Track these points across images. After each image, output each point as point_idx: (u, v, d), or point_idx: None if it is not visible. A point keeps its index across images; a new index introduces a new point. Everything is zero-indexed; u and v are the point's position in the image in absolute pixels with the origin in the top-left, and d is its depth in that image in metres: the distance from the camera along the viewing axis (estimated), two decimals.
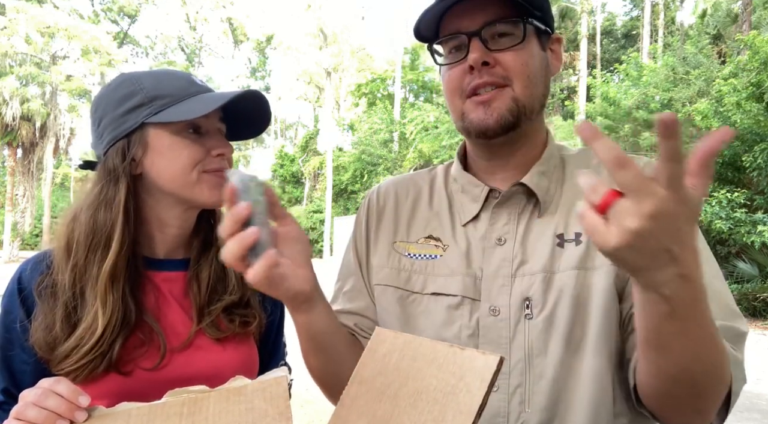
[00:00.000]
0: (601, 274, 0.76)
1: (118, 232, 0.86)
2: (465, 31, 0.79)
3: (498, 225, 0.83)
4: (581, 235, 0.78)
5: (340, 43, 30.21)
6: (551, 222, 0.81)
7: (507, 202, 0.84)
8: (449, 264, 0.84)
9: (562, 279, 0.77)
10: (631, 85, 12.79)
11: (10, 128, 22.41)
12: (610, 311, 0.75)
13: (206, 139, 0.90)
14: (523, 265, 0.79)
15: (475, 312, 0.80)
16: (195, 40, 43.60)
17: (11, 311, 0.85)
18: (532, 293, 0.77)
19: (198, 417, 0.66)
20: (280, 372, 0.73)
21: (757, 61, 8.75)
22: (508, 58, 0.78)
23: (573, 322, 0.75)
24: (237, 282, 0.97)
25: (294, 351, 0.98)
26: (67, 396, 0.66)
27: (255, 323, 0.97)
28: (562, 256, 0.78)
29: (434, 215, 0.91)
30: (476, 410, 0.51)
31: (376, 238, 0.94)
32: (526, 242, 0.81)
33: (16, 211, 23.71)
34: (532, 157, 0.85)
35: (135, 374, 0.84)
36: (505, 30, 0.78)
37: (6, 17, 23.65)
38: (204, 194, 0.90)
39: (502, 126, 0.79)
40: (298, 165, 35.69)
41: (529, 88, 0.79)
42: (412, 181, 0.98)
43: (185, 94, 0.88)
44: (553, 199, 0.83)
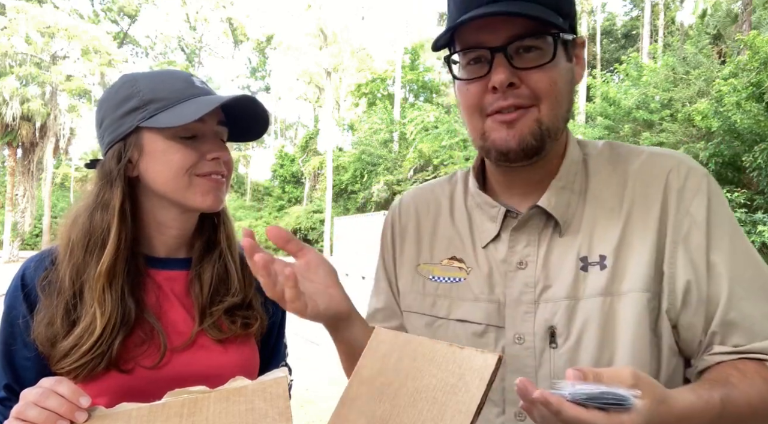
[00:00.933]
0: (629, 300, 0.71)
1: (113, 233, 0.86)
2: (488, 45, 0.71)
3: (518, 248, 0.79)
4: (606, 257, 0.73)
5: (340, 43, 30.18)
6: (574, 242, 0.76)
7: (525, 225, 0.79)
8: (473, 289, 0.81)
9: (587, 307, 0.72)
10: (631, 85, 12.78)
11: (10, 128, 22.40)
12: (641, 339, 0.70)
13: (201, 143, 0.90)
14: (546, 290, 0.76)
15: (501, 340, 0.77)
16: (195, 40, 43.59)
17: (14, 307, 0.86)
18: (556, 322, 0.74)
19: (198, 417, 0.67)
20: (280, 373, 0.73)
21: (757, 61, 8.74)
22: (536, 78, 0.70)
23: (599, 353, 0.71)
24: (239, 284, 0.98)
25: (294, 352, 0.98)
26: (68, 396, 0.66)
27: (257, 325, 0.97)
28: (587, 281, 0.73)
29: (456, 233, 0.87)
30: (475, 408, 0.51)
31: (401, 260, 0.93)
32: (548, 265, 0.76)
33: (16, 211, 23.70)
34: (550, 171, 0.79)
35: (136, 371, 0.85)
36: (532, 44, 0.70)
37: (6, 17, 23.64)
38: (196, 199, 0.90)
39: (525, 150, 0.73)
40: (298, 165, 35.68)
41: (555, 109, 0.73)
42: (433, 195, 0.94)
43: (181, 97, 0.88)
44: (575, 214, 0.78)
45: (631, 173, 0.78)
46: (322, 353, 6.31)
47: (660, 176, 0.75)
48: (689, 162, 0.77)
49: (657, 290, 0.72)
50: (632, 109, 11.83)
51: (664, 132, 11.31)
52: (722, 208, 0.74)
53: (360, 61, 33.07)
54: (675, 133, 11.09)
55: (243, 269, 1.01)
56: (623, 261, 0.73)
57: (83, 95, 28.02)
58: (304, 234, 30.74)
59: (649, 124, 11.75)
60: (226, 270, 0.98)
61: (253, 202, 38.70)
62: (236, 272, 0.98)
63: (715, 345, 0.71)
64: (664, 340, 0.72)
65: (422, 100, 32.37)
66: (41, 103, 22.75)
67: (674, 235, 0.72)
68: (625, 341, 0.70)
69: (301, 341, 6.89)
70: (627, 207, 0.75)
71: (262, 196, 39.45)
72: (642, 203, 0.75)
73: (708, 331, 0.71)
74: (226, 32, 42.63)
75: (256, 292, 1.00)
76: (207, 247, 0.99)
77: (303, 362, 5.61)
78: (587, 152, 0.83)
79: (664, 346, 0.72)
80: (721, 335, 0.71)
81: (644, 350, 0.70)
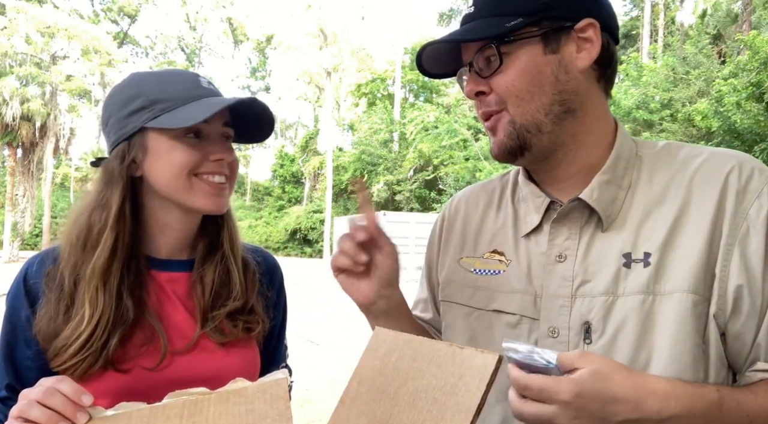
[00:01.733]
0: (672, 300, 0.69)
1: (107, 232, 0.86)
2: (464, 63, 0.80)
3: (558, 241, 0.79)
4: (651, 255, 0.71)
5: (340, 43, 30.19)
6: (618, 238, 0.75)
7: (566, 217, 0.78)
8: (511, 280, 0.82)
9: (626, 304, 0.71)
10: (631, 85, 12.78)
11: (10, 128, 22.39)
12: (682, 342, 0.67)
13: (206, 144, 0.90)
14: (584, 285, 0.75)
15: (534, 332, 0.77)
16: (195, 40, 43.59)
17: (17, 306, 0.86)
18: (592, 317, 0.73)
19: (198, 419, 0.67)
20: (280, 374, 0.73)
21: (757, 61, 8.75)
22: (496, 83, 0.76)
23: (635, 352, 0.69)
24: (241, 289, 0.97)
25: (294, 352, 0.98)
26: (70, 395, 0.66)
27: (258, 329, 0.97)
28: (628, 278, 0.72)
29: (500, 227, 0.89)
30: (475, 408, 0.51)
31: (445, 254, 0.95)
32: (588, 260, 0.75)
33: (16, 211, 23.70)
34: (595, 163, 0.78)
35: (135, 372, 0.84)
36: (490, 54, 0.76)
37: (6, 17, 23.64)
38: (197, 200, 0.90)
39: (507, 152, 0.78)
40: (298, 165, 35.68)
41: (523, 106, 0.75)
42: (484, 191, 0.97)
43: (187, 98, 0.88)
44: (621, 209, 0.76)
45: (689, 173, 0.75)
46: (322, 353, 6.31)
47: (719, 176, 0.73)
48: (753, 163, 0.74)
49: (706, 294, 0.69)
50: (632, 109, 11.84)
51: (664, 132, 11.32)
52: None
53: (360, 61, 33.07)
54: (675, 133, 11.10)
55: (246, 273, 1.00)
56: (669, 260, 0.71)
57: (83, 95, 28.03)
58: (304, 234, 30.74)
59: (649, 124, 11.75)
60: (228, 273, 0.97)
61: (253, 202, 38.70)
62: (239, 276, 0.98)
63: (759, 362, 0.69)
64: (712, 347, 0.69)
65: (422, 100, 32.36)
66: (41, 103, 22.73)
67: (730, 237, 0.69)
68: (665, 342, 0.68)
69: (301, 341, 6.89)
70: (679, 205, 0.73)
71: (262, 196, 39.44)
72: (696, 203, 0.72)
73: (754, 343, 0.69)
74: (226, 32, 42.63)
75: (258, 296, 1.00)
76: (209, 249, 0.99)
77: (303, 362, 5.60)
78: (643, 151, 0.81)
79: (712, 353, 0.69)
80: (767, 349, 0.68)
81: (686, 354, 0.68)
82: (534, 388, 0.58)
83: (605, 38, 0.77)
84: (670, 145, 0.81)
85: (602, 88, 0.80)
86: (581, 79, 0.76)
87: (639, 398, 0.59)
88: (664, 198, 0.75)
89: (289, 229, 31.03)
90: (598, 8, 0.77)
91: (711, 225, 0.70)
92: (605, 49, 0.77)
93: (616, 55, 0.80)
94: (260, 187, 40.71)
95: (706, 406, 0.62)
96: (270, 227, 32.59)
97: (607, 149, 0.79)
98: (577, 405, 0.57)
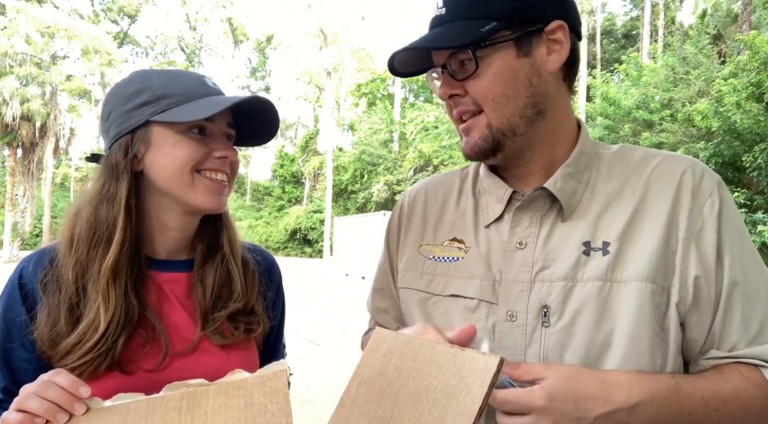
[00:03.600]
0: (629, 288, 0.72)
1: (119, 228, 0.85)
2: (437, 64, 0.81)
3: (519, 228, 0.81)
4: (609, 244, 0.75)
5: (340, 43, 30.19)
6: (577, 227, 0.78)
7: (529, 205, 0.81)
8: (469, 266, 0.84)
9: (585, 289, 0.73)
10: (631, 85, 12.78)
11: (10, 128, 22.39)
12: (640, 328, 0.70)
13: (210, 142, 0.90)
14: (543, 270, 0.77)
15: (492, 316, 0.79)
16: (195, 40, 43.59)
17: (12, 307, 0.85)
18: (550, 301, 0.75)
19: (197, 412, 0.66)
20: (279, 366, 0.72)
21: (757, 61, 8.74)
22: (472, 87, 0.77)
23: (593, 336, 0.72)
24: (242, 288, 0.97)
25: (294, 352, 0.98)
26: (67, 387, 0.66)
27: (259, 330, 0.96)
28: (588, 264, 0.75)
29: (460, 216, 0.90)
30: (476, 411, 0.51)
31: (405, 242, 0.96)
32: (548, 247, 0.78)
33: (16, 211, 23.70)
34: (558, 157, 0.82)
35: (137, 374, 0.84)
36: (464, 58, 0.76)
37: (6, 17, 23.64)
38: (198, 198, 0.89)
39: (479, 153, 0.80)
40: (298, 165, 35.68)
41: (500, 110, 0.77)
42: (443, 182, 0.99)
43: (193, 95, 0.88)
44: (581, 202, 0.80)
45: (646, 172, 0.80)
46: (322, 353, 6.31)
47: (674, 175, 0.78)
48: (703, 166, 0.79)
49: (665, 284, 0.72)
50: (632, 109, 11.83)
51: (664, 132, 11.31)
52: (733, 214, 0.76)
53: (360, 61, 33.07)
54: (675, 133, 11.09)
55: (245, 273, 1.00)
56: (627, 249, 0.74)
57: (83, 95, 28.02)
58: (304, 234, 30.74)
59: (649, 124, 11.75)
60: (229, 275, 0.97)
61: (253, 202, 38.69)
62: (239, 277, 0.97)
63: (711, 350, 0.73)
64: (671, 336, 0.72)
65: (422, 100, 32.37)
66: (41, 103, 22.74)
67: (687, 231, 0.73)
68: (623, 328, 0.71)
69: (301, 341, 6.89)
70: (637, 200, 0.77)
71: (262, 196, 39.45)
72: (653, 198, 0.77)
73: (709, 332, 0.73)
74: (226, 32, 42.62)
75: (258, 296, 1.00)
76: (209, 251, 0.98)
77: (303, 362, 5.61)
78: (601, 151, 0.85)
79: (672, 342, 0.72)
80: (719, 338, 0.72)
81: (643, 339, 0.71)
82: (510, 401, 0.62)
83: (572, 38, 0.79)
84: (626, 148, 0.86)
85: (567, 86, 0.83)
86: (551, 81, 0.79)
87: (606, 392, 0.64)
88: (621, 193, 0.79)
89: (289, 229, 31.04)
90: (565, 9, 0.79)
91: (668, 219, 0.74)
92: (572, 49, 0.79)
93: (579, 52, 0.83)
94: (260, 187, 40.73)
95: (666, 390, 0.66)
96: (270, 227, 32.60)
97: (570, 146, 0.83)
98: (552, 409, 0.61)
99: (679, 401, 0.66)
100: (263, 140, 1.01)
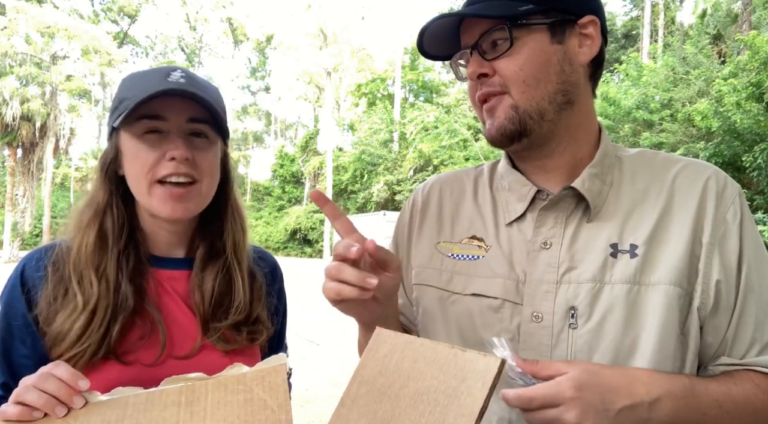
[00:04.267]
0: (657, 292, 0.72)
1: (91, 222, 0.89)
2: (465, 45, 0.80)
3: (544, 228, 0.80)
4: (638, 247, 0.74)
5: (340, 43, 30.17)
6: (603, 229, 0.77)
7: (555, 206, 0.80)
8: (491, 265, 0.83)
9: (613, 291, 0.73)
10: (631, 85, 12.77)
11: (10, 128, 22.38)
12: (667, 331, 0.71)
13: (164, 142, 0.86)
14: (569, 271, 0.76)
15: (517, 316, 0.78)
16: (195, 40, 43.56)
17: (13, 304, 0.85)
18: (578, 303, 0.74)
19: (196, 407, 0.66)
20: (278, 360, 0.72)
21: (757, 61, 8.73)
22: (502, 66, 0.76)
23: (621, 338, 0.72)
24: (245, 301, 0.94)
25: (294, 352, 0.98)
26: (66, 379, 0.66)
27: (263, 338, 0.96)
28: (615, 267, 0.74)
29: (478, 214, 0.89)
30: (478, 412, 0.51)
31: (419, 238, 0.94)
32: (574, 248, 0.77)
33: (16, 211, 23.68)
34: (582, 157, 0.82)
35: (136, 367, 0.84)
36: (498, 37, 0.76)
37: (6, 17, 23.62)
38: (154, 206, 0.87)
39: (505, 135, 0.78)
40: (298, 165, 35.66)
41: (529, 92, 0.76)
42: (457, 179, 0.97)
43: (145, 94, 0.81)
44: (605, 203, 0.79)
45: (670, 176, 0.80)
46: (322, 353, 6.31)
47: (698, 181, 0.78)
48: (724, 174, 0.80)
49: (688, 288, 0.73)
50: (632, 109, 11.82)
51: (664, 132, 11.30)
52: (752, 223, 0.77)
53: (360, 61, 33.05)
54: (675, 133, 11.09)
55: (252, 284, 0.97)
56: (655, 253, 0.74)
57: (83, 95, 28.02)
58: (304, 234, 30.72)
59: (649, 124, 11.74)
60: (231, 283, 0.94)
61: (253, 202, 38.66)
62: (242, 287, 0.94)
63: (722, 356, 0.74)
64: (691, 339, 0.73)
65: (422, 100, 32.36)
66: (41, 103, 22.73)
67: (711, 237, 0.74)
68: (651, 330, 0.71)
69: (302, 341, 6.88)
70: (663, 204, 0.77)
71: (262, 196, 39.41)
72: (678, 203, 0.77)
73: (723, 337, 0.74)
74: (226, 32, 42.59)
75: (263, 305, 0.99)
76: (210, 254, 0.96)
77: (303, 362, 5.60)
78: (621, 153, 0.85)
79: (691, 344, 0.73)
80: (731, 344, 0.73)
81: (669, 343, 0.71)
82: (538, 397, 0.62)
83: (601, 38, 0.80)
84: (645, 151, 0.86)
85: (591, 87, 0.84)
86: (581, 73, 0.80)
87: (629, 385, 0.64)
88: (646, 196, 0.79)
89: (289, 229, 31.02)
90: (598, 7, 0.81)
91: (693, 224, 0.75)
92: (600, 49, 0.80)
93: (605, 55, 0.84)
94: (260, 187, 40.68)
95: (681, 389, 0.67)
96: (270, 227, 32.58)
97: (594, 146, 0.83)
98: (581, 400, 0.61)
99: (696, 400, 0.67)
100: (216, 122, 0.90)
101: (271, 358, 0.73)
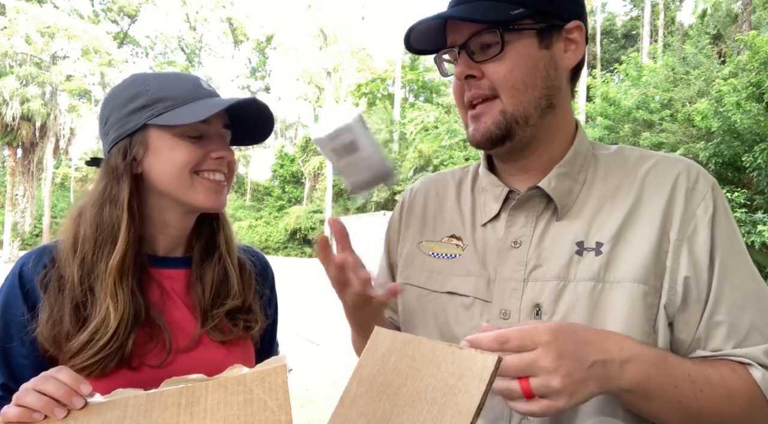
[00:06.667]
0: (621, 289, 0.72)
1: (123, 228, 0.87)
2: (454, 44, 0.80)
3: (514, 228, 0.82)
4: (603, 244, 0.75)
5: (340, 43, 30.17)
6: (571, 227, 0.78)
7: (524, 205, 0.82)
8: (466, 264, 0.84)
9: (577, 289, 0.74)
10: (631, 85, 12.76)
11: (10, 128, 22.38)
12: (631, 329, 0.70)
13: (207, 143, 0.92)
14: (536, 269, 0.78)
15: (486, 314, 0.79)
16: (195, 40, 43.56)
17: (11, 305, 0.85)
18: (543, 300, 0.75)
19: (196, 408, 0.66)
20: (278, 361, 0.72)
21: (757, 61, 8.73)
22: (491, 69, 0.77)
23: None
24: (239, 287, 0.99)
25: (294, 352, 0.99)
26: (68, 383, 0.67)
27: (257, 328, 0.99)
28: (580, 264, 0.75)
29: (458, 213, 0.91)
30: (475, 409, 0.51)
31: (405, 238, 0.97)
32: (542, 246, 0.79)
33: (16, 211, 23.68)
34: (555, 157, 0.83)
35: (142, 371, 0.85)
36: (489, 40, 0.76)
37: (6, 17, 23.62)
38: (198, 197, 0.91)
39: (490, 140, 0.79)
40: (298, 165, 35.66)
41: (517, 97, 0.77)
42: (443, 179, 0.99)
43: (189, 98, 0.89)
44: (576, 201, 0.80)
45: (641, 173, 0.80)
46: (322, 353, 6.31)
47: (669, 177, 0.78)
48: (699, 168, 0.79)
49: (656, 285, 0.72)
50: (632, 110, 11.81)
51: (664, 132, 11.29)
52: (726, 218, 0.76)
53: (360, 61, 33.03)
54: (675, 133, 11.08)
55: (242, 273, 1.02)
56: (620, 250, 0.74)
57: (83, 95, 28.03)
58: (304, 234, 30.71)
59: (649, 124, 11.73)
60: (226, 273, 0.99)
61: (253, 202, 38.66)
62: (235, 276, 1.00)
63: (697, 350, 0.73)
64: (660, 336, 0.72)
65: (422, 100, 32.35)
66: (41, 103, 22.72)
67: (680, 233, 0.74)
68: (615, 327, 0.71)
69: (302, 341, 6.88)
70: (631, 201, 0.77)
71: (262, 196, 39.41)
72: (647, 200, 0.77)
73: (695, 334, 0.73)
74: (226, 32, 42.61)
75: (255, 296, 1.02)
76: (207, 250, 1.00)
77: (303, 362, 5.61)
78: (599, 152, 0.86)
79: (661, 342, 0.72)
80: (705, 338, 0.72)
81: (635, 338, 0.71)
82: (515, 337, 0.60)
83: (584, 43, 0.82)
84: (624, 149, 0.86)
85: (570, 89, 0.85)
86: (564, 78, 0.81)
87: (603, 341, 0.64)
88: (617, 194, 0.79)
89: (289, 229, 31.01)
90: (583, 13, 0.82)
91: (661, 220, 0.75)
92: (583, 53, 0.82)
93: (585, 58, 0.85)
94: (260, 187, 40.69)
95: (654, 356, 0.66)
96: (270, 227, 32.57)
97: (568, 145, 0.84)
98: (556, 343, 0.60)
99: (667, 370, 0.66)
100: (259, 139, 1.03)
101: (271, 359, 0.74)
